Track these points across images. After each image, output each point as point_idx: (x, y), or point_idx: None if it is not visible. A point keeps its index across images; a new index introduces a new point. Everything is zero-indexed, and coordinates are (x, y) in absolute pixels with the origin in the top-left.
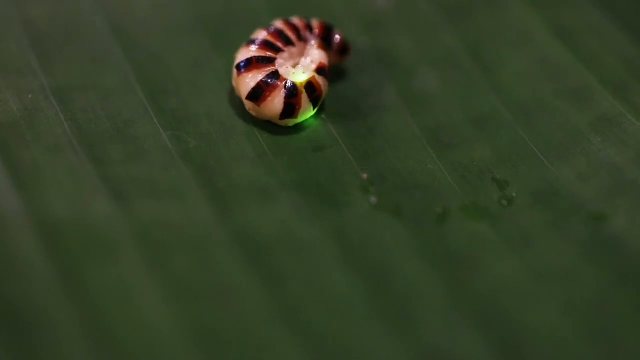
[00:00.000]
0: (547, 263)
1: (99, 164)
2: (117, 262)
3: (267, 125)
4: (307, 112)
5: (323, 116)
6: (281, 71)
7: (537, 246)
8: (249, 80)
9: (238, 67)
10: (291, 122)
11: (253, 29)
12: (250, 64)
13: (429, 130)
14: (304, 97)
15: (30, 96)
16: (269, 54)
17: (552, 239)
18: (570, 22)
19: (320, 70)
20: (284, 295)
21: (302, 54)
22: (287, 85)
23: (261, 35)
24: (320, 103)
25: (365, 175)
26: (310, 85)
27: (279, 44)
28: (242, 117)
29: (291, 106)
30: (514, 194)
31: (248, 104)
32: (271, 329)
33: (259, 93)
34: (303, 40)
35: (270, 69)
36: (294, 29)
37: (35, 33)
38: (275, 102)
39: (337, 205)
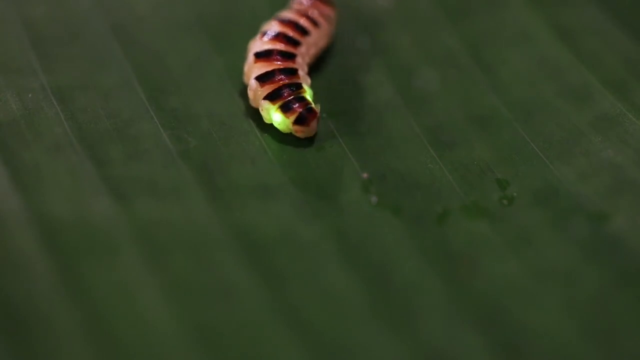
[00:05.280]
0: (548, 263)
1: (99, 164)
2: (117, 261)
3: (267, 125)
4: (271, 111)
5: (324, 115)
6: (300, 73)
7: (537, 246)
8: (265, 67)
9: (257, 54)
10: (263, 108)
11: (253, 29)
12: (271, 54)
13: (429, 129)
14: (285, 92)
15: (30, 95)
16: (289, 49)
17: (553, 239)
18: (570, 21)
19: (316, 117)
20: (284, 295)
21: (317, 43)
22: (290, 76)
23: (279, 28)
24: (286, 119)
25: (365, 175)
26: (299, 100)
27: (298, 37)
28: (242, 117)
29: (278, 93)
30: (515, 194)
31: (253, 84)
32: (271, 329)
33: (268, 77)
34: (318, 25)
35: (289, 64)
36: (306, 16)
37: (35, 33)
38: (271, 84)
39: (337, 205)
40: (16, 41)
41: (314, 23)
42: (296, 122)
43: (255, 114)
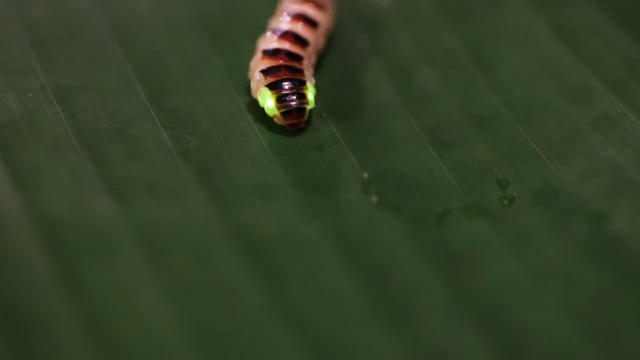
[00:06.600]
0: (548, 263)
1: (99, 164)
2: (117, 261)
3: (267, 125)
4: (266, 97)
5: (324, 115)
6: (306, 73)
7: (537, 246)
8: (271, 63)
9: (265, 52)
10: (260, 93)
11: (253, 29)
12: (279, 54)
13: (429, 129)
14: (285, 84)
15: (30, 95)
16: (297, 50)
17: (553, 239)
18: (570, 21)
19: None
20: (284, 295)
21: (327, 29)
22: (294, 73)
23: (289, 25)
24: (274, 107)
25: (365, 175)
26: (295, 95)
27: (307, 35)
28: (242, 117)
29: (279, 85)
30: (515, 194)
31: (257, 76)
32: (271, 329)
33: (273, 70)
34: (325, 9)
35: (295, 64)
36: (312, 2)
37: (35, 33)
38: (275, 76)
39: (337, 205)
40: (16, 41)
41: (321, 7)
42: (283, 113)
43: (255, 114)
